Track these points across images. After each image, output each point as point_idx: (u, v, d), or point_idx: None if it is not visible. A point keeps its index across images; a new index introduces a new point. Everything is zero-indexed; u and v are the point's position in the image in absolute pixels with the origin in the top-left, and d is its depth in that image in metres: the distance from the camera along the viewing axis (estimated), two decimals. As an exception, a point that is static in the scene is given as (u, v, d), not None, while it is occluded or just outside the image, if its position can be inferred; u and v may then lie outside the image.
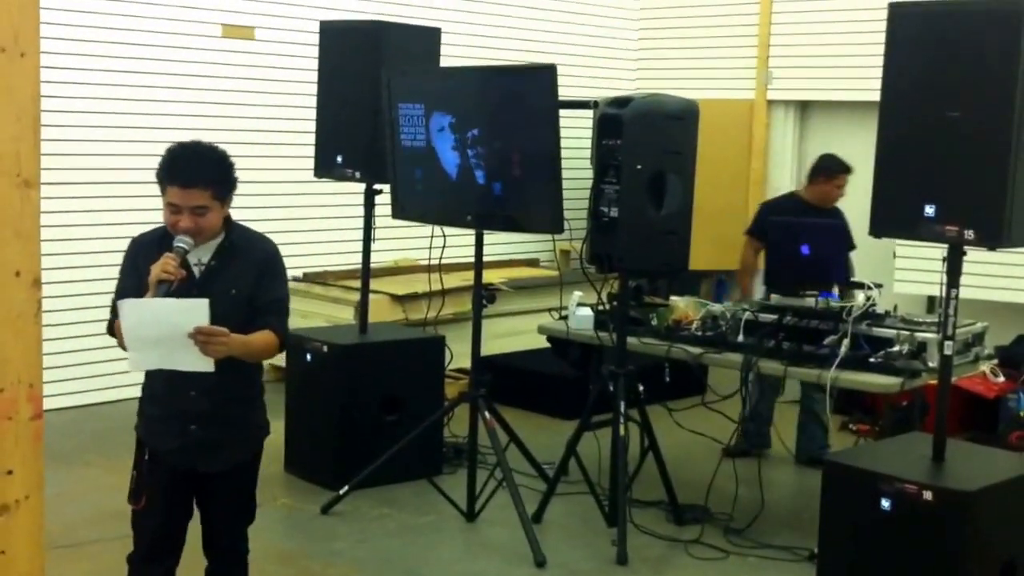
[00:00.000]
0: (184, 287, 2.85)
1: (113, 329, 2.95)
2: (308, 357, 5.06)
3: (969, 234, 3.30)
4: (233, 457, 3.06)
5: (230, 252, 2.97)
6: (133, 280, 2.94)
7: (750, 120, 8.22)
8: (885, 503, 3.33)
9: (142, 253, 2.96)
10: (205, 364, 2.82)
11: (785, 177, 8.28)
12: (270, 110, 6.71)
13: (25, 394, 1.94)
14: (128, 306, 2.77)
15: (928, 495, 3.26)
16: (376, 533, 4.48)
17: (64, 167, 6.03)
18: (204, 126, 6.33)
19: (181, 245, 2.86)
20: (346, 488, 4.67)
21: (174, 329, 2.77)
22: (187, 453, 3.00)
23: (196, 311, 2.77)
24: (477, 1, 7.73)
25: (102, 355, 6.08)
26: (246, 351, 2.90)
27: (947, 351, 3.50)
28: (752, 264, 5.74)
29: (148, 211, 6.07)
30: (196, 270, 2.93)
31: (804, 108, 8.27)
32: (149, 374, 3.01)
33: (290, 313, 3.10)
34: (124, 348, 2.92)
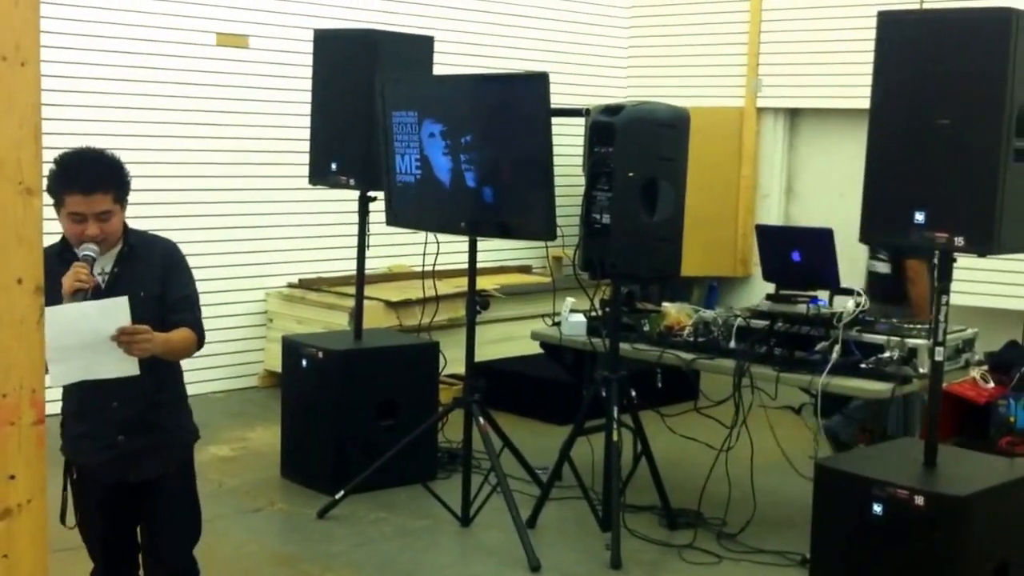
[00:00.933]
0: (92, 297, 2.78)
1: None
2: (304, 363, 5.08)
3: (959, 240, 3.33)
4: (163, 464, 3.01)
5: (131, 256, 2.94)
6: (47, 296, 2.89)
7: (740, 127, 8.28)
8: (877, 508, 3.35)
9: (48, 269, 2.89)
10: (129, 367, 2.77)
11: (775, 184, 8.34)
12: (264, 118, 6.73)
13: (28, 399, 1.95)
14: (49, 314, 2.71)
15: (920, 500, 3.28)
16: (372, 537, 4.50)
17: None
18: (198, 134, 6.37)
19: (88, 254, 2.81)
20: (342, 493, 4.69)
21: (96, 334, 2.71)
22: (117, 465, 2.95)
23: (117, 311, 2.73)
24: (470, 10, 7.77)
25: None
26: (168, 349, 2.86)
27: (938, 357, 3.53)
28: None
29: (146, 218, 6.15)
30: (100, 279, 2.88)
31: (794, 115, 8.33)
32: (69, 391, 2.94)
33: (283, 318, 3.06)
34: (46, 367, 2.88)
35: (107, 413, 2.91)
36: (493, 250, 7.54)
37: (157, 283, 2.93)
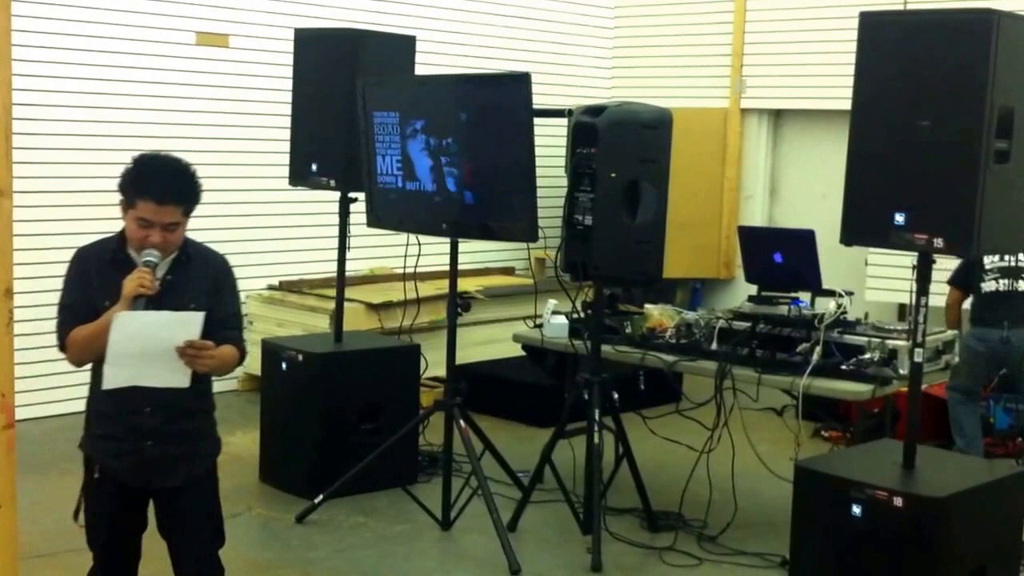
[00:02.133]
0: (144, 303, 2.79)
1: (65, 344, 2.89)
2: (283, 366, 5.04)
3: (939, 242, 3.33)
4: (188, 472, 3.01)
5: (186, 266, 2.95)
6: (82, 293, 2.88)
7: (724, 128, 8.28)
8: (856, 509, 3.34)
9: (92, 267, 2.91)
10: (181, 379, 2.79)
11: (759, 185, 8.34)
12: (244, 118, 6.69)
13: (-5, 404, 1.92)
14: (123, 319, 2.70)
15: (898, 501, 3.27)
16: (351, 542, 4.47)
17: (38, 175, 5.99)
18: (178, 134, 6.32)
19: (151, 259, 2.83)
20: (321, 497, 4.66)
21: (163, 343, 2.73)
22: (142, 470, 2.95)
23: (190, 325, 2.76)
24: (452, 10, 7.74)
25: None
26: (220, 365, 2.90)
27: (917, 358, 3.52)
28: (957, 313, 5.76)
29: (120, 220, 6.12)
30: None
31: (777, 116, 8.34)
32: (98, 393, 2.92)
33: (263, 320, 3.09)
34: (76, 363, 2.91)
35: (139, 418, 2.90)
36: (476, 252, 7.52)
37: (205, 296, 2.93)
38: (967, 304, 5.74)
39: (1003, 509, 3.56)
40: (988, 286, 5.53)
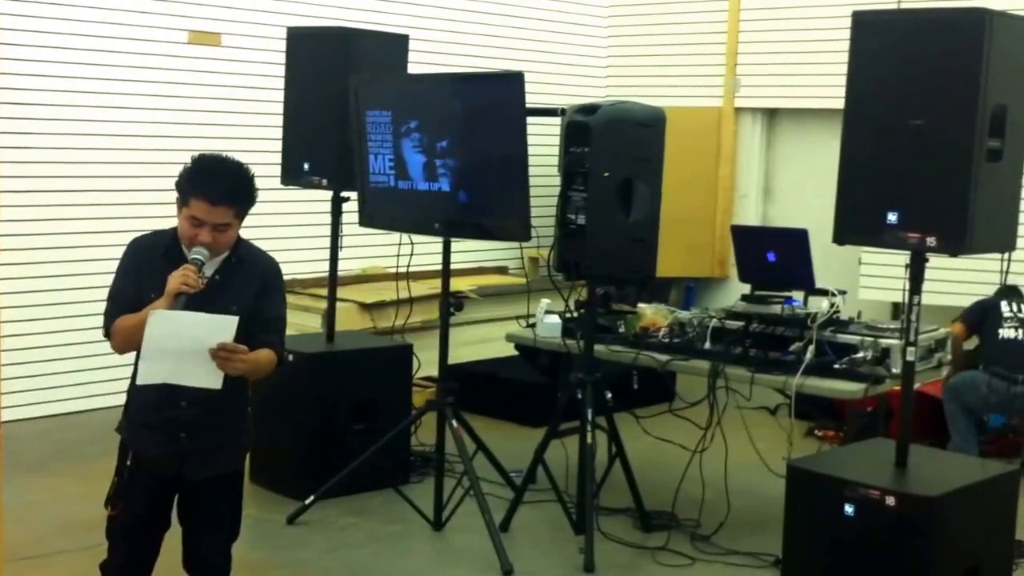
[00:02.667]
0: (188, 300, 2.81)
1: (110, 331, 2.92)
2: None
3: (931, 241, 3.33)
4: (220, 466, 3.06)
5: (236, 268, 2.98)
6: (132, 281, 2.91)
7: (718, 127, 8.28)
8: (848, 509, 3.34)
9: (144, 258, 2.94)
10: (214, 381, 2.82)
11: (752, 184, 8.34)
12: (237, 117, 6.67)
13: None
14: (159, 316, 2.73)
15: (891, 500, 3.28)
16: (343, 543, 4.45)
17: (27, 175, 5.97)
18: (170, 132, 6.30)
19: (199, 257, 2.85)
20: (312, 498, 4.64)
21: (197, 343, 2.76)
22: (175, 461, 2.99)
23: (225, 327, 2.77)
24: (445, 8, 7.72)
25: (69, 365, 6.02)
26: (254, 369, 2.91)
27: (910, 357, 3.52)
28: (960, 348, 5.66)
29: (114, 219, 6.11)
30: (201, 283, 2.89)
31: (771, 115, 8.33)
32: (137, 384, 2.95)
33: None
34: (119, 351, 2.93)
35: (175, 411, 2.94)
36: (470, 251, 7.50)
37: (252, 299, 2.96)
38: (968, 344, 5.69)
39: (996, 508, 3.57)
40: (1007, 333, 5.50)
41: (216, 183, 2.86)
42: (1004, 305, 5.56)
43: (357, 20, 6.67)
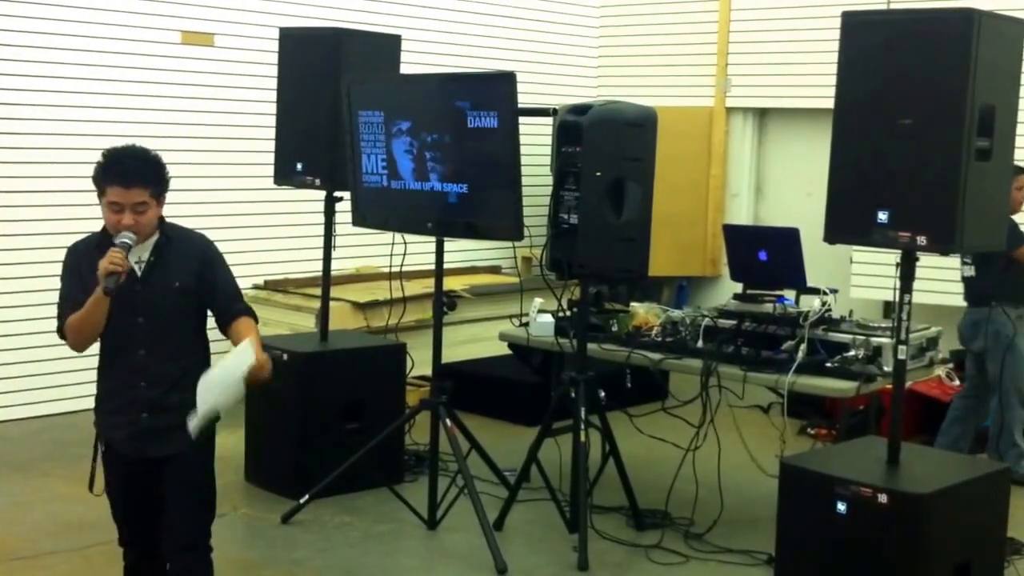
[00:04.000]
0: (127, 284, 2.98)
1: (63, 331, 3.10)
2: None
3: (921, 240, 3.35)
4: (180, 441, 3.10)
5: (167, 247, 3.12)
6: (77, 285, 3.07)
7: (709, 127, 8.30)
8: (841, 506, 3.36)
9: (84, 260, 3.09)
10: (236, 398, 3.00)
11: (744, 183, 8.37)
12: (229, 117, 6.67)
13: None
14: (203, 384, 2.93)
15: (883, 498, 3.29)
16: (337, 542, 4.46)
17: (21, 175, 5.97)
18: (163, 133, 6.29)
19: (125, 240, 2.99)
20: (306, 497, 4.65)
21: (235, 378, 2.94)
22: (137, 441, 3.12)
23: (246, 354, 2.96)
24: (438, 9, 7.73)
25: (60, 365, 6.01)
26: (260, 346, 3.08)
27: (901, 355, 3.54)
28: None
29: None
30: (137, 267, 3.07)
31: (762, 115, 8.35)
32: (103, 373, 3.17)
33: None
34: (76, 348, 3.10)
35: (135, 393, 3.09)
36: (463, 250, 7.51)
37: (192, 276, 3.12)
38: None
39: (987, 505, 3.58)
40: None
41: (125, 165, 3.03)
42: None
43: (349, 20, 6.68)
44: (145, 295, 3.05)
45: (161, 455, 3.12)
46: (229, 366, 2.97)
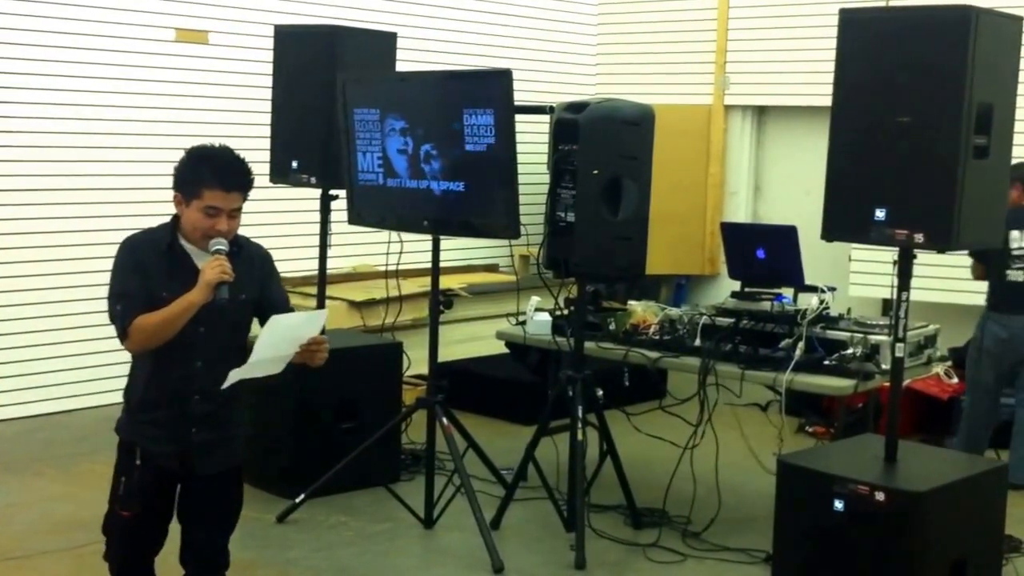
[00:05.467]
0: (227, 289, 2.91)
1: (127, 331, 2.90)
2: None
3: (919, 237, 3.34)
4: (228, 458, 3.10)
5: (238, 257, 3.01)
6: (139, 281, 2.92)
7: (708, 125, 8.29)
8: (838, 504, 3.35)
9: (146, 256, 2.95)
10: (279, 368, 2.97)
11: (743, 181, 8.36)
12: (224, 115, 6.65)
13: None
14: (274, 323, 2.85)
15: (880, 496, 3.29)
16: (333, 541, 4.44)
17: (16, 173, 5.95)
18: (158, 131, 6.29)
19: (222, 248, 2.93)
20: (302, 496, 4.63)
21: (293, 341, 2.89)
22: (185, 456, 3.01)
23: (317, 322, 2.95)
24: (434, 6, 7.72)
25: (54, 364, 6.00)
26: None
27: (898, 353, 3.53)
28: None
29: (103, 218, 6.09)
30: None
31: (761, 113, 8.34)
32: (146, 379, 2.98)
33: None
34: (136, 350, 2.92)
35: (188, 406, 2.97)
36: (460, 249, 7.50)
37: (256, 287, 3.06)
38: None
39: (984, 503, 3.58)
40: (1015, 276, 5.20)
41: (228, 170, 2.94)
42: (1014, 241, 5.12)
43: (345, 18, 6.66)
44: (213, 305, 2.88)
45: (208, 472, 3.03)
46: (299, 323, 2.90)
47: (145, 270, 2.92)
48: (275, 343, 2.87)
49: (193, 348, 2.94)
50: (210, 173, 2.91)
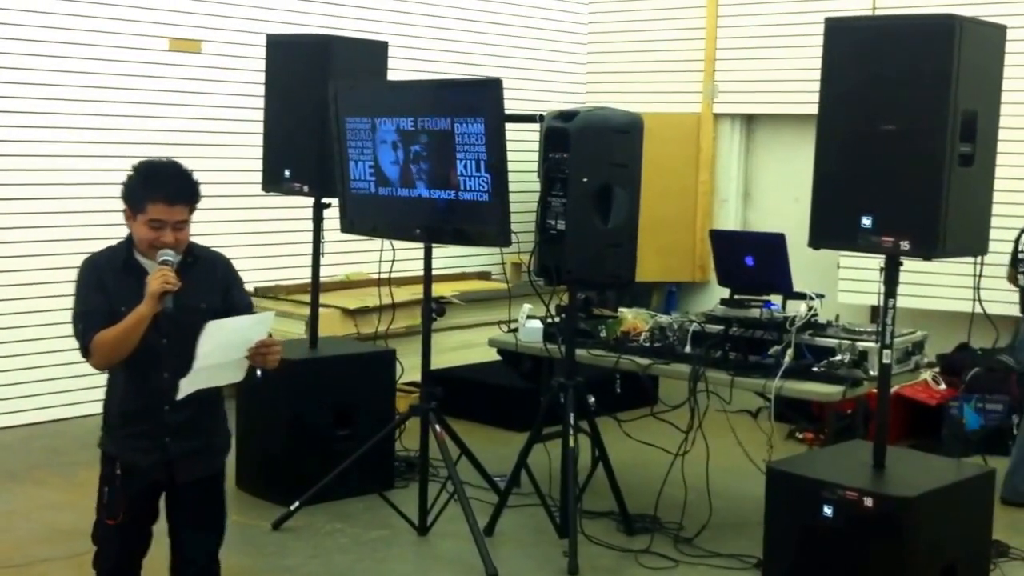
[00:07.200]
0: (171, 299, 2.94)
1: (90, 348, 2.96)
2: (258, 372, 4.99)
3: (905, 244, 3.38)
4: (207, 465, 3.14)
5: (194, 267, 3.07)
6: (100, 299, 2.98)
7: (697, 133, 8.34)
8: (827, 510, 3.38)
9: (108, 275, 3.01)
10: (239, 375, 3.00)
11: (732, 189, 8.40)
12: (217, 124, 6.68)
13: None
14: (211, 328, 2.85)
15: (869, 501, 3.32)
16: (328, 548, 4.46)
17: (10, 183, 5.96)
18: (151, 140, 6.30)
19: (168, 258, 2.96)
20: (297, 504, 4.65)
21: (240, 346, 2.91)
22: (165, 465, 3.07)
23: (263, 324, 2.97)
24: (425, 15, 7.76)
25: (54, 372, 6.00)
26: None
27: (885, 360, 3.57)
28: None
29: (97, 227, 6.08)
30: None
31: (749, 121, 8.40)
32: (121, 393, 3.06)
33: None
34: (101, 366, 2.99)
35: (160, 416, 3.02)
36: (453, 256, 7.53)
37: (219, 296, 3.08)
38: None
39: (973, 508, 3.61)
40: None
41: (170, 183, 2.99)
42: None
43: (336, 27, 6.69)
44: (171, 316, 2.94)
45: (189, 479, 3.09)
46: (243, 327, 2.91)
47: (105, 287, 2.99)
48: (220, 349, 2.89)
49: (159, 360, 2.99)
50: (153, 187, 2.97)
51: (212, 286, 3.08)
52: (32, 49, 6.02)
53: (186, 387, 2.89)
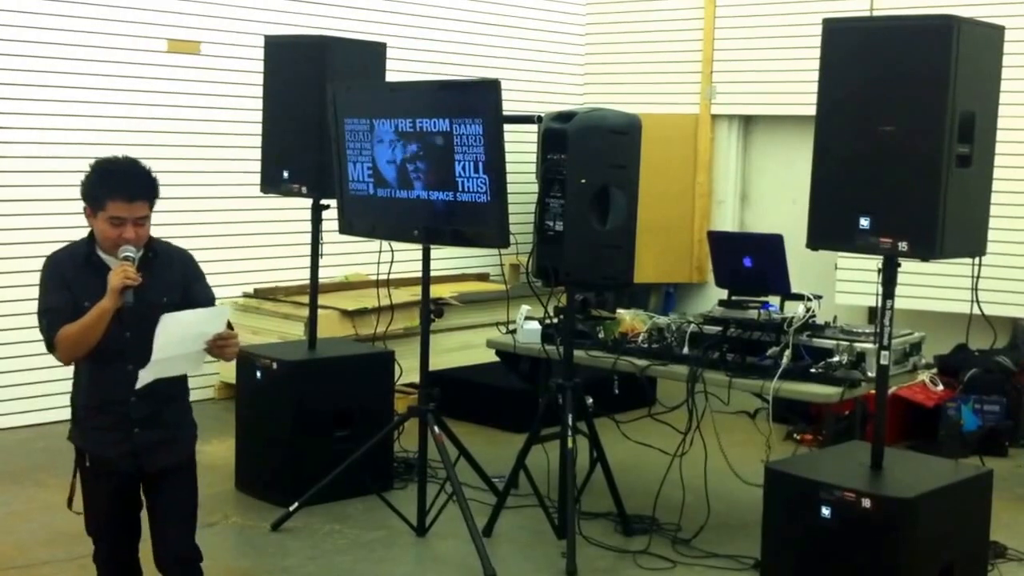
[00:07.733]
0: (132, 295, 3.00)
1: (54, 343, 3.05)
2: (257, 374, 5.03)
3: (903, 246, 3.38)
4: (175, 455, 3.21)
5: (154, 263, 3.14)
6: (64, 296, 3.06)
7: (695, 134, 8.35)
8: (825, 511, 3.39)
9: (70, 272, 3.09)
10: (197, 367, 3.10)
11: (730, 190, 8.41)
12: (216, 125, 6.68)
13: None
14: (167, 321, 2.93)
15: (867, 503, 3.32)
16: (327, 549, 4.47)
17: (10, 184, 5.96)
18: (149, 141, 6.30)
19: (129, 254, 3.04)
20: (296, 505, 4.65)
21: (197, 338, 3.01)
22: (132, 456, 3.14)
23: (220, 318, 3.06)
24: (423, 16, 7.76)
25: (54, 374, 5.96)
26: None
27: (883, 361, 3.57)
28: None
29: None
30: None
31: (747, 122, 8.41)
32: (87, 386, 3.15)
33: (238, 328, 3.28)
34: (66, 360, 3.09)
35: (125, 408, 3.10)
36: (451, 258, 7.54)
37: (179, 291, 3.15)
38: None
39: (971, 509, 3.62)
40: None
41: (130, 181, 3.06)
42: None
43: (335, 28, 6.69)
44: (134, 310, 3.01)
45: (157, 469, 3.17)
46: (198, 320, 2.99)
47: (68, 283, 3.06)
48: (177, 341, 2.97)
49: (122, 354, 3.06)
50: (113, 185, 3.04)
51: (173, 281, 3.15)
52: (31, 50, 6.02)
53: (145, 377, 2.98)
